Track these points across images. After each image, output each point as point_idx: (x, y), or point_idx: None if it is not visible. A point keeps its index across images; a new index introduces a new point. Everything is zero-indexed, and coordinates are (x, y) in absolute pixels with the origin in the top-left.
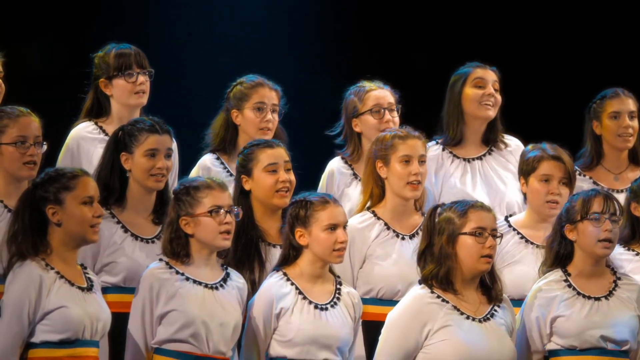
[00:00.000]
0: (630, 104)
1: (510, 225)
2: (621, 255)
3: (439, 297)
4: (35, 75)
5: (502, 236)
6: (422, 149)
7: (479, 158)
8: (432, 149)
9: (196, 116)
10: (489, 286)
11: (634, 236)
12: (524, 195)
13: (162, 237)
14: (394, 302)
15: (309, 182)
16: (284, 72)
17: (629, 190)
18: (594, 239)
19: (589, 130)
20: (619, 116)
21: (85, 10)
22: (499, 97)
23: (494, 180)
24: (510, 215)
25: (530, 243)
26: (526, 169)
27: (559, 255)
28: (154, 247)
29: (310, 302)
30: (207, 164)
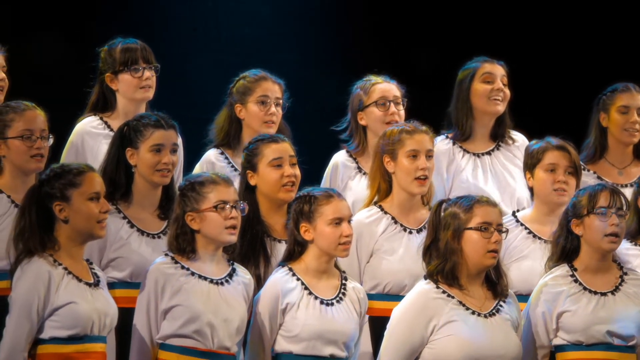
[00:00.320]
0: None
1: (517, 221)
2: (628, 251)
3: (444, 292)
4: (40, 71)
5: (507, 231)
6: (430, 143)
7: (488, 153)
8: (443, 144)
9: (201, 112)
10: (495, 281)
11: None
12: (530, 190)
13: (168, 233)
14: (400, 297)
15: (314, 178)
16: (289, 67)
17: (636, 184)
18: (600, 233)
19: (595, 122)
20: (628, 111)
21: (91, 5)
22: (508, 91)
23: (504, 176)
24: (517, 210)
25: (538, 238)
26: (531, 161)
27: (565, 251)
28: (160, 242)
29: (316, 297)
30: (212, 159)
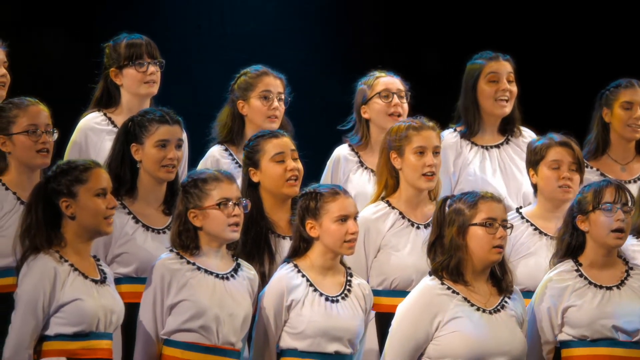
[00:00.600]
0: None
1: (522, 217)
2: (633, 247)
3: (449, 288)
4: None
5: (512, 227)
6: (437, 140)
7: (497, 146)
8: (451, 137)
9: (205, 108)
10: (500, 277)
11: None
12: (534, 186)
13: (171, 230)
14: (407, 293)
15: (318, 174)
16: (294, 63)
17: None
18: (606, 229)
19: (598, 117)
20: (631, 107)
21: (96, 1)
22: (514, 88)
23: (512, 169)
24: (521, 207)
25: (544, 235)
26: (534, 158)
27: (570, 247)
28: (165, 237)
29: (321, 294)
30: (216, 156)
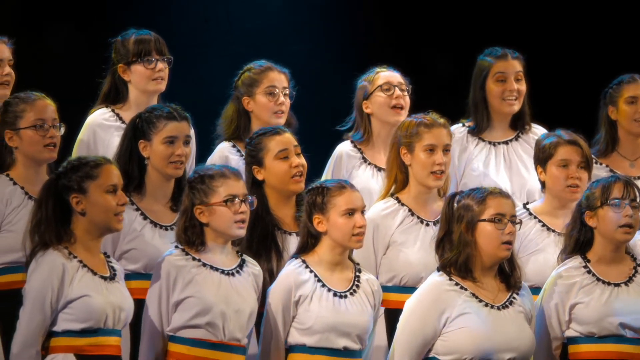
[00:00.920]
0: None
1: (530, 213)
2: None
3: (457, 284)
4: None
5: (521, 222)
6: (447, 138)
7: (506, 142)
8: (458, 131)
9: (212, 104)
10: (508, 273)
11: None
12: (542, 184)
13: (177, 226)
14: (416, 290)
15: (322, 167)
16: (300, 59)
17: None
18: (614, 224)
19: (604, 116)
20: (636, 101)
21: None
22: (523, 87)
23: (518, 166)
24: (527, 202)
25: (552, 231)
26: (543, 156)
27: (578, 243)
28: (173, 234)
29: (330, 289)
30: (225, 153)
